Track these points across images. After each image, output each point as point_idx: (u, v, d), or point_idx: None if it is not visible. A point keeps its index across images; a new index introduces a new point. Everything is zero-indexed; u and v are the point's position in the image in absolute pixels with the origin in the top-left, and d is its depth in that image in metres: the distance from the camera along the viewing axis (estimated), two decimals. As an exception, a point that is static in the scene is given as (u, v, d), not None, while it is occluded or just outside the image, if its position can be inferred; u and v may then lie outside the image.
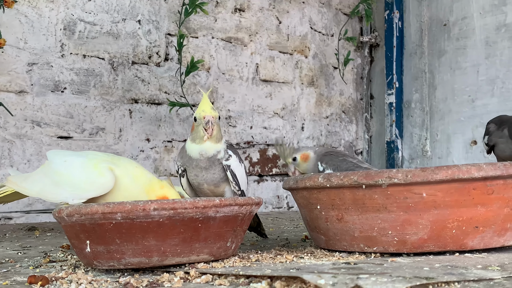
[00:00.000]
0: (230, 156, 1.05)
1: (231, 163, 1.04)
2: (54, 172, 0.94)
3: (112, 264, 0.78)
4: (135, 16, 2.03)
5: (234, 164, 1.04)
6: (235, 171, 1.04)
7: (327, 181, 0.87)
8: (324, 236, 0.93)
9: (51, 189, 0.93)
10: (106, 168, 0.90)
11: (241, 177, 1.06)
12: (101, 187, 0.89)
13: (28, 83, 1.80)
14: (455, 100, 2.45)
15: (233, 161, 1.05)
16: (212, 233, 0.79)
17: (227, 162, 1.03)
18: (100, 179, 0.89)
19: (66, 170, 0.93)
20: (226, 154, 1.04)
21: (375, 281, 0.59)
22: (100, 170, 0.90)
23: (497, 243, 0.85)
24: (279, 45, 2.46)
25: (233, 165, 1.04)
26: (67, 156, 0.96)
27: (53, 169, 0.94)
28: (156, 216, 0.74)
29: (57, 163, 0.94)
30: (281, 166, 2.44)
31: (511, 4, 2.28)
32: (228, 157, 1.04)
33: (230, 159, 1.04)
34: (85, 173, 0.90)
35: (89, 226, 0.76)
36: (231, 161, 1.04)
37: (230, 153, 1.05)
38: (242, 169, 1.07)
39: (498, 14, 2.32)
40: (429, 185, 0.81)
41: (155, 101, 2.07)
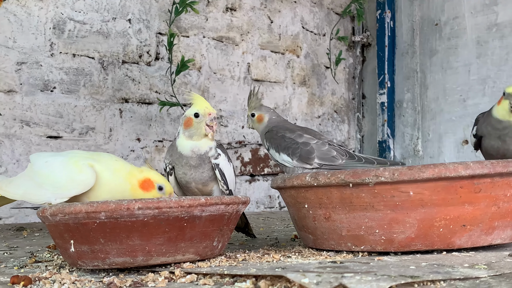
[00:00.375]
0: (219, 155, 1.04)
1: (220, 161, 1.04)
2: (36, 173, 0.94)
3: (97, 264, 0.77)
4: (125, 15, 2.02)
5: (223, 163, 1.04)
6: (223, 170, 1.04)
7: (314, 180, 0.86)
8: (312, 235, 0.92)
9: (34, 191, 0.93)
10: (86, 165, 0.90)
11: (230, 176, 1.06)
12: (82, 184, 0.88)
13: (17, 82, 1.78)
14: (447, 100, 2.46)
15: (222, 160, 1.04)
16: (198, 232, 0.78)
17: (216, 160, 1.03)
18: (80, 176, 0.89)
19: (47, 170, 0.93)
20: (216, 152, 1.04)
21: (360, 280, 0.58)
22: (80, 168, 0.89)
23: (485, 241, 0.84)
24: (271, 44, 2.46)
25: (222, 164, 1.04)
26: (48, 157, 0.96)
27: (35, 170, 0.94)
28: (141, 215, 0.73)
29: (39, 164, 0.95)
30: (273, 166, 2.44)
31: (502, 4, 2.29)
32: (217, 155, 1.04)
33: (219, 158, 1.04)
34: (66, 171, 0.90)
35: (73, 226, 0.75)
36: (220, 160, 1.04)
37: (219, 152, 1.05)
38: (230, 168, 1.07)
39: (489, 14, 2.32)
40: (416, 183, 0.80)
41: (146, 101, 2.06)
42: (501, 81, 2.28)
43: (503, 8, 2.29)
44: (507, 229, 0.86)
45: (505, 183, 0.83)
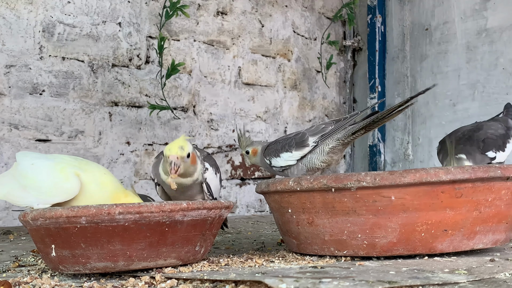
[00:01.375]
0: (206, 170, 1.06)
1: (208, 176, 1.05)
2: (21, 175, 0.92)
3: (78, 268, 0.77)
4: (115, 19, 2.02)
5: (210, 177, 1.05)
6: (210, 184, 1.05)
7: (297, 184, 0.87)
8: (296, 240, 0.92)
9: (18, 192, 0.91)
10: (72, 173, 0.89)
11: (215, 187, 1.07)
12: (66, 193, 0.87)
13: (5, 85, 1.78)
14: (437, 104, 2.46)
15: (209, 174, 1.06)
16: (180, 237, 0.78)
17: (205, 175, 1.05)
18: (65, 184, 0.88)
19: (33, 173, 0.91)
20: (203, 167, 1.05)
21: (337, 285, 0.58)
22: (66, 175, 0.88)
23: (467, 246, 0.85)
24: (262, 48, 2.46)
25: (209, 177, 1.05)
26: (35, 159, 0.95)
27: (20, 172, 0.93)
28: (122, 220, 0.73)
29: (25, 166, 0.93)
30: (263, 170, 2.44)
31: (492, 9, 2.30)
32: (205, 170, 1.05)
33: (206, 172, 1.05)
34: (51, 177, 0.89)
35: (54, 230, 0.75)
36: (208, 174, 1.05)
37: (207, 166, 1.06)
38: (217, 179, 1.08)
39: (479, 19, 2.34)
40: (398, 188, 0.80)
41: (136, 104, 2.06)
42: (490, 86, 2.29)
43: (492, 14, 2.30)
44: (488, 234, 0.86)
45: (486, 188, 0.83)
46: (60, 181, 0.88)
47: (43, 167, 0.92)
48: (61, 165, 0.91)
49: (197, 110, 2.24)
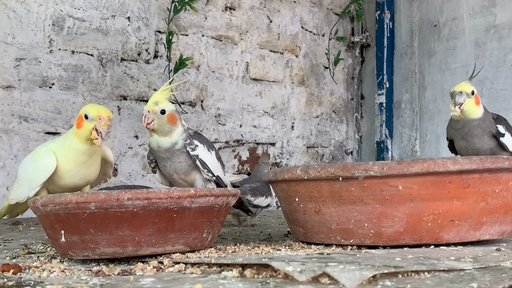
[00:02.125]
0: (196, 146, 1.06)
1: (199, 152, 1.05)
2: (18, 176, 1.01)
3: (87, 254, 0.78)
4: (124, 13, 2.03)
5: (202, 153, 1.06)
6: (204, 160, 1.05)
7: (305, 173, 0.87)
8: (303, 229, 0.93)
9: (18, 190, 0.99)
10: (46, 150, 0.93)
11: (212, 164, 1.07)
12: (45, 170, 0.91)
13: (15, 78, 1.79)
14: (445, 101, 2.46)
15: (200, 150, 1.06)
16: (188, 223, 0.79)
17: (194, 152, 1.05)
18: (41, 162, 0.92)
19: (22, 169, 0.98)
20: (192, 144, 1.05)
21: (343, 269, 0.59)
22: (40, 155, 0.93)
23: (473, 236, 0.85)
24: (270, 44, 2.47)
25: (202, 154, 1.06)
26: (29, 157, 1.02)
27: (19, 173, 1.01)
28: (130, 206, 0.74)
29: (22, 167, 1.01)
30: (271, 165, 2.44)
31: (501, 5, 2.29)
32: (194, 147, 1.05)
33: (197, 149, 1.05)
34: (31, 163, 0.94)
35: (64, 216, 0.76)
36: (199, 151, 1.05)
37: (197, 143, 1.06)
38: (212, 156, 1.08)
39: (487, 15, 2.33)
40: (405, 178, 0.81)
41: (144, 98, 2.07)
42: (498, 83, 2.29)
43: (501, 10, 2.29)
44: (495, 225, 0.86)
45: (494, 179, 0.83)
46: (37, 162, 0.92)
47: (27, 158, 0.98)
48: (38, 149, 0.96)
49: (205, 105, 2.25)
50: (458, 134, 1.26)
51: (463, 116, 1.22)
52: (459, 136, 1.27)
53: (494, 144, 1.24)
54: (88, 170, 1.04)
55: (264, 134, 2.42)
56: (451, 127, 1.29)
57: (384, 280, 0.61)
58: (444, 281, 0.61)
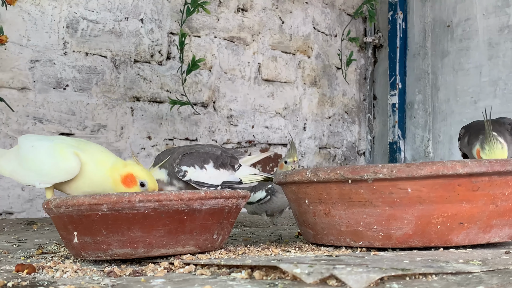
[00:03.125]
0: (186, 172, 1.07)
1: (190, 176, 1.06)
2: (22, 158, 0.95)
3: (99, 255, 0.79)
4: (137, 15, 2.05)
5: (194, 175, 1.06)
6: (199, 180, 1.06)
7: (314, 175, 0.88)
8: (312, 231, 0.93)
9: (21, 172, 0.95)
10: (72, 153, 0.92)
11: (211, 177, 1.08)
12: (67, 173, 0.91)
13: (30, 80, 1.82)
14: (458, 101, 2.45)
15: (191, 173, 1.06)
16: (198, 225, 0.80)
17: (185, 178, 1.06)
18: (65, 164, 0.91)
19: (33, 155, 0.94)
20: (180, 172, 1.06)
21: (350, 271, 0.59)
22: (66, 155, 0.92)
23: (482, 239, 0.85)
24: (282, 45, 2.47)
25: (194, 176, 1.06)
26: (35, 141, 0.97)
27: (21, 154, 0.96)
28: (142, 208, 0.75)
29: (25, 148, 0.96)
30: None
31: (514, 6, 2.28)
32: (184, 174, 1.06)
33: (187, 175, 1.06)
34: (51, 158, 0.92)
35: (76, 217, 0.78)
36: (190, 175, 1.06)
37: (185, 169, 1.07)
38: (208, 170, 1.08)
39: (501, 16, 2.32)
40: (414, 180, 0.81)
41: (157, 99, 2.09)
42: (512, 83, 2.27)
43: (515, 10, 2.28)
44: (505, 228, 0.86)
45: (504, 182, 0.83)
46: (60, 161, 0.91)
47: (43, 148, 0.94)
48: (60, 145, 0.94)
49: (217, 106, 2.26)
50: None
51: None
52: None
53: None
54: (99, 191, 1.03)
55: (276, 135, 2.43)
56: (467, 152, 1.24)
57: (392, 282, 0.61)
58: (451, 283, 0.61)
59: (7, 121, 1.76)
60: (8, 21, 1.75)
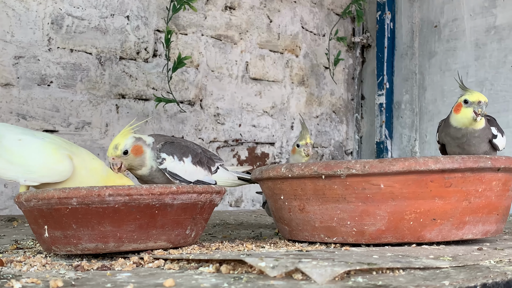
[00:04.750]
0: (164, 160, 1.05)
1: (167, 165, 1.05)
2: (7, 150, 0.91)
3: (69, 249, 0.78)
4: (123, 12, 2.04)
5: (171, 165, 1.05)
6: (174, 171, 1.05)
7: (289, 171, 0.88)
8: (288, 227, 0.93)
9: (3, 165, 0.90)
10: (66, 155, 0.90)
11: (186, 172, 1.06)
12: (59, 175, 0.88)
13: (14, 76, 1.81)
14: (445, 102, 2.46)
15: (169, 163, 1.05)
16: (170, 220, 0.79)
17: (161, 166, 1.04)
18: (58, 166, 0.89)
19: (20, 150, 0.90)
20: (159, 158, 1.05)
21: (316, 265, 0.59)
22: (59, 157, 0.89)
23: (455, 236, 0.85)
24: (270, 43, 2.47)
25: (170, 166, 1.05)
26: (20, 134, 0.93)
27: (6, 146, 0.91)
28: (112, 202, 0.74)
29: (10, 140, 0.92)
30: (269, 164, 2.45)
31: (501, 6, 2.29)
32: (162, 161, 1.05)
33: (164, 163, 1.05)
34: (42, 157, 0.89)
35: (46, 211, 0.77)
36: (167, 164, 1.05)
37: (164, 156, 1.06)
38: (186, 164, 1.07)
39: (488, 16, 2.33)
40: (387, 176, 0.81)
41: (143, 97, 2.08)
42: (498, 84, 2.28)
43: (501, 11, 2.29)
44: (478, 225, 0.86)
45: (477, 179, 0.83)
46: (52, 162, 0.88)
47: (32, 144, 0.90)
48: (52, 145, 0.91)
49: (204, 104, 2.25)
50: (453, 142, 1.22)
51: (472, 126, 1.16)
52: (454, 143, 1.23)
53: (488, 147, 1.22)
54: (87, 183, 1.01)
55: (263, 133, 2.43)
56: (447, 133, 1.24)
57: (357, 276, 0.61)
58: (417, 278, 0.61)
59: (-10, 117, 1.75)
60: (-9, 16, 1.74)
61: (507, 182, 0.87)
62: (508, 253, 0.79)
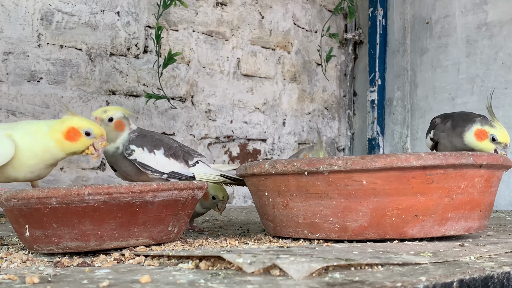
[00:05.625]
0: (133, 151, 1.06)
1: (136, 156, 1.06)
2: None
3: (51, 248, 0.78)
4: (114, 8, 2.03)
5: (140, 155, 1.06)
6: (144, 162, 1.06)
7: (272, 167, 0.88)
8: (272, 223, 0.93)
9: None
10: (4, 135, 0.90)
11: (158, 163, 1.07)
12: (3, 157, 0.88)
13: (3, 72, 1.80)
14: (436, 98, 2.46)
15: (138, 154, 1.06)
16: (151, 217, 0.79)
17: (131, 157, 1.06)
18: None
19: None
20: (128, 149, 1.06)
21: (293, 261, 0.59)
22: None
23: (438, 232, 0.85)
24: (262, 40, 2.47)
25: (140, 157, 1.06)
26: None
27: None
28: (91, 201, 0.74)
29: None
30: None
31: (492, 3, 2.29)
32: (130, 152, 1.06)
33: (133, 154, 1.06)
34: None
35: (27, 211, 0.77)
36: (136, 155, 1.06)
37: (133, 148, 1.06)
38: (157, 156, 1.07)
39: (479, 13, 2.33)
40: (369, 172, 0.81)
41: (133, 93, 2.08)
42: (489, 80, 2.28)
43: (492, 7, 2.29)
44: (461, 221, 0.86)
45: (459, 175, 0.84)
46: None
47: None
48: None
49: (195, 101, 2.25)
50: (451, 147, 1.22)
51: None
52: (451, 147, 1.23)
53: None
54: (48, 170, 1.02)
55: (255, 130, 2.43)
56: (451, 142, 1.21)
57: (335, 272, 0.61)
58: (395, 274, 0.61)
59: (-21, 113, 1.75)
60: (-20, 12, 1.73)
61: (490, 178, 0.88)
62: (490, 249, 0.79)
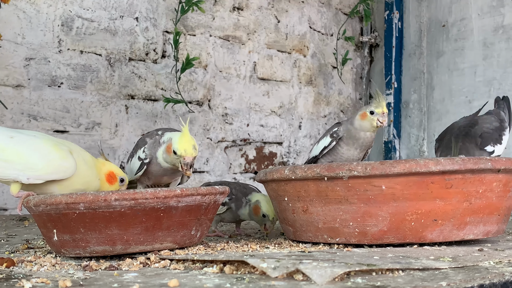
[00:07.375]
0: None
1: None
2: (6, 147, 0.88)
3: (78, 252, 0.81)
4: (132, 13, 2.06)
5: None
6: None
7: (292, 173, 0.89)
8: (292, 228, 0.95)
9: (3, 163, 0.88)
10: (68, 151, 0.91)
11: None
12: (65, 171, 0.89)
13: (25, 77, 1.84)
14: (453, 101, 2.46)
15: None
16: (175, 222, 0.81)
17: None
18: (63, 162, 0.89)
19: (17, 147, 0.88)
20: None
21: (316, 266, 0.61)
22: (63, 154, 0.88)
23: (457, 236, 0.86)
24: (278, 44, 2.49)
25: None
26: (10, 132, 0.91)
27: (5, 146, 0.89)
28: (118, 206, 0.76)
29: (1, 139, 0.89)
30: (278, 164, 2.46)
31: (509, 6, 2.28)
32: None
33: None
34: (45, 154, 0.87)
35: (55, 216, 0.79)
36: None
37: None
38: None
39: (496, 16, 2.32)
40: (388, 178, 0.82)
41: (152, 97, 2.10)
42: (506, 83, 2.28)
43: (510, 10, 2.28)
44: (479, 225, 0.87)
45: (477, 180, 0.85)
46: (57, 159, 0.88)
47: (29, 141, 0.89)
48: (50, 141, 0.90)
49: (212, 104, 2.27)
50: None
51: None
52: None
53: None
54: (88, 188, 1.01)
55: (271, 133, 2.44)
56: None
57: (357, 277, 0.63)
58: (416, 279, 0.63)
59: (2, 118, 1.78)
60: (3, 19, 1.77)
61: (508, 183, 0.88)
62: (508, 254, 0.80)
